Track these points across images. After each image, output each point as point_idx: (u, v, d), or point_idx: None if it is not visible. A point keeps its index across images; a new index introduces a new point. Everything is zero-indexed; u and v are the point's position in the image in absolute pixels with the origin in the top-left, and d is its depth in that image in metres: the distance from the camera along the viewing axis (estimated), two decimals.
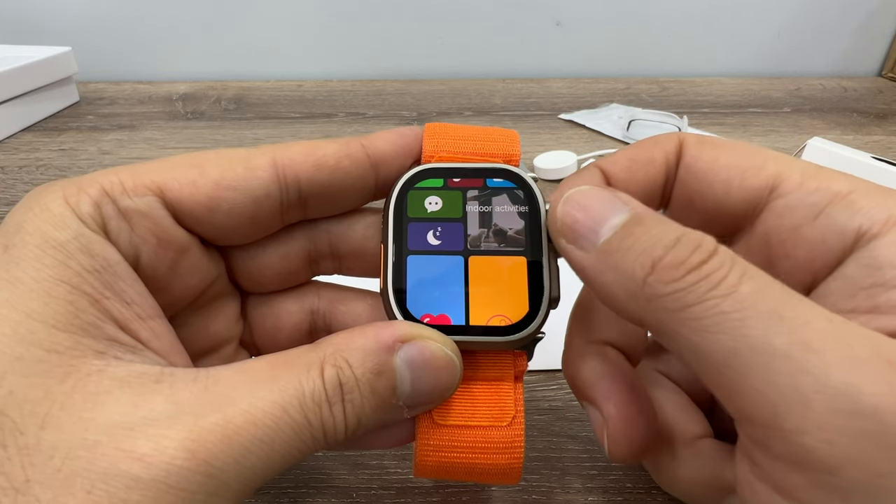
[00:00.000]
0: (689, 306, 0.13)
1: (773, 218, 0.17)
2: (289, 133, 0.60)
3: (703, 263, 0.13)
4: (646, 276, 0.14)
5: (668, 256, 0.14)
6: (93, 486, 0.12)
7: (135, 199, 0.16)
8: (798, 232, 0.16)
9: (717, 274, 0.13)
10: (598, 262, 0.15)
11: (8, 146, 0.56)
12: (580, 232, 0.15)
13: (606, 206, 0.15)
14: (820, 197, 0.16)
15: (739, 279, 0.13)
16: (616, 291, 0.15)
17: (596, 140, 0.57)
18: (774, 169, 0.17)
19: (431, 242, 0.18)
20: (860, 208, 0.15)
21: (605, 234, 0.15)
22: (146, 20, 0.76)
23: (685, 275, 0.13)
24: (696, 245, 0.14)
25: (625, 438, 0.17)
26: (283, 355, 0.15)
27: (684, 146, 0.18)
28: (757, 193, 0.17)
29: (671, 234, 0.14)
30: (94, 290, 0.14)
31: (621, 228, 0.15)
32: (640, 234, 0.14)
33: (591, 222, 0.15)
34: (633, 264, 0.14)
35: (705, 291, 0.13)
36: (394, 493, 0.22)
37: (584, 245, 0.15)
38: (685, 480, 0.18)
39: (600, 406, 0.18)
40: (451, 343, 0.16)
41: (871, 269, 0.15)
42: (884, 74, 0.79)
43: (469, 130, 0.19)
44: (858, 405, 0.11)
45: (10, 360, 0.13)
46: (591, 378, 0.18)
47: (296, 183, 0.18)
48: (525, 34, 0.78)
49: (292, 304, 0.21)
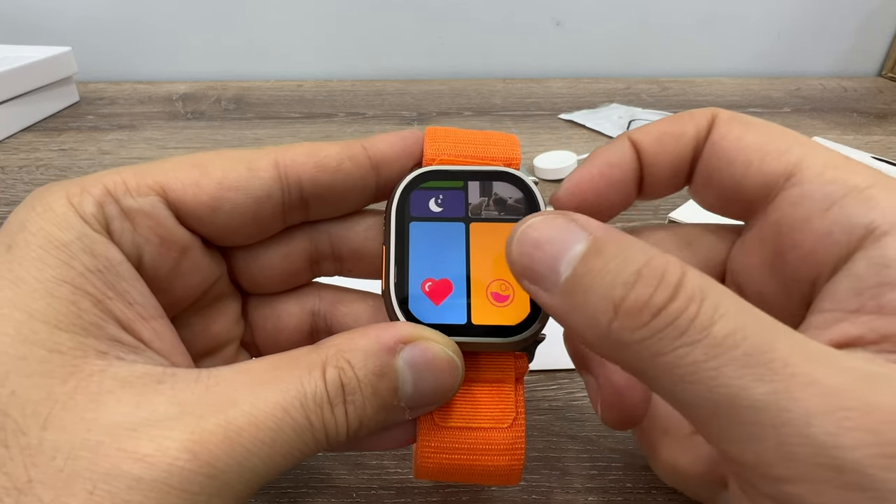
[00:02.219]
0: (661, 355, 0.12)
1: (786, 206, 0.16)
2: (289, 133, 0.60)
3: (669, 302, 0.12)
4: (610, 321, 0.13)
5: (629, 297, 0.12)
6: (95, 486, 0.12)
7: (138, 199, 0.16)
8: (808, 222, 0.16)
9: (686, 315, 0.12)
10: (562, 304, 0.14)
11: (8, 146, 0.56)
12: (539, 272, 0.14)
13: (563, 235, 0.14)
14: (836, 188, 0.15)
15: (711, 318, 0.12)
16: (586, 335, 0.14)
17: (596, 140, 0.57)
18: (798, 155, 0.16)
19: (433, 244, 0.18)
20: (876, 204, 0.15)
21: (565, 272, 0.14)
22: (146, 20, 0.76)
23: (650, 320, 0.12)
24: (659, 279, 0.12)
25: (616, 405, 0.17)
26: (284, 356, 0.15)
27: (716, 121, 0.18)
28: (773, 178, 0.16)
29: (632, 265, 0.13)
30: (96, 290, 0.14)
31: (579, 263, 0.13)
32: (599, 268, 0.13)
33: (549, 259, 0.14)
34: (595, 308, 0.13)
35: (675, 338, 0.12)
36: (394, 492, 0.22)
37: (547, 286, 0.14)
38: (681, 471, 0.18)
39: (595, 373, 0.18)
40: (453, 344, 0.16)
41: (878, 268, 0.14)
42: (884, 74, 0.79)
43: (470, 134, 0.20)
44: (841, 461, 0.11)
45: (13, 360, 0.13)
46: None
47: (297, 184, 0.18)
48: (525, 34, 0.78)
49: (293, 305, 0.21)
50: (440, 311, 0.17)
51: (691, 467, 0.18)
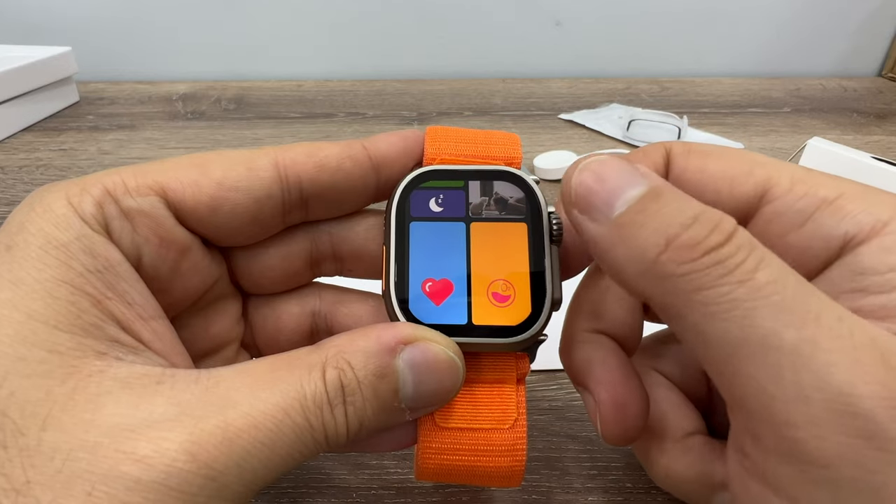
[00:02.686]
0: (702, 290, 0.13)
1: (762, 224, 0.17)
2: (289, 133, 0.59)
3: (720, 246, 0.13)
4: (659, 253, 0.13)
5: (683, 235, 0.13)
6: (93, 487, 0.12)
7: (137, 199, 0.16)
8: (785, 239, 0.16)
9: (734, 259, 0.13)
10: (610, 236, 0.14)
11: (8, 146, 0.56)
12: (594, 203, 0.15)
13: (624, 177, 0.15)
14: (807, 203, 0.16)
15: (756, 266, 0.13)
16: (627, 267, 0.14)
17: (596, 140, 0.57)
18: (763, 174, 0.17)
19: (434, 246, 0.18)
20: (847, 214, 0.15)
21: (620, 208, 0.14)
22: (146, 20, 0.76)
23: (700, 256, 0.13)
24: (715, 225, 0.13)
25: (616, 422, 0.17)
26: (284, 357, 0.15)
27: (671, 156, 0.18)
28: (746, 201, 0.17)
29: (689, 211, 0.14)
30: (96, 290, 0.14)
31: (637, 202, 0.14)
32: (655, 210, 0.14)
33: (605, 194, 0.15)
34: (646, 241, 0.14)
35: (720, 276, 0.13)
36: (394, 493, 0.22)
37: (597, 217, 0.15)
38: (676, 476, 0.18)
39: (593, 390, 0.18)
40: (454, 345, 0.16)
41: (854, 275, 0.15)
42: (884, 74, 0.79)
43: (471, 133, 0.19)
44: (856, 407, 0.12)
45: (12, 360, 0.13)
46: (584, 363, 0.18)
47: (297, 184, 0.18)
48: (525, 34, 0.78)
49: (294, 305, 0.21)
50: (441, 311, 0.17)
51: (685, 472, 0.18)
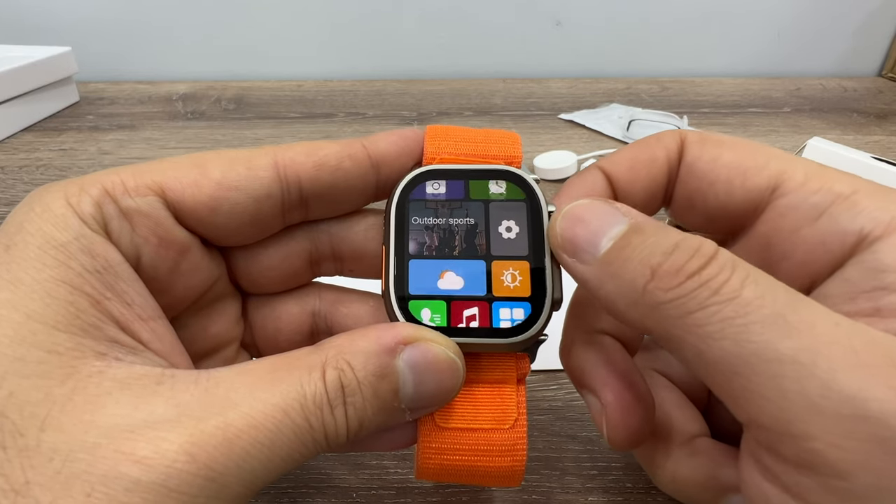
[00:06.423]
0: (691, 313, 0.13)
1: (775, 218, 0.17)
2: (289, 133, 0.59)
3: (702, 269, 0.13)
4: (646, 283, 0.14)
5: (666, 263, 0.14)
6: (92, 488, 0.12)
7: (136, 199, 0.16)
8: (798, 233, 0.16)
9: (718, 279, 0.13)
10: (599, 274, 0.15)
11: (8, 146, 0.56)
12: (580, 245, 0.16)
13: (605, 217, 0.15)
14: (822, 198, 0.16)
15: (741, 283, 0.13)
16: (619, 301, 0.15)
17: (596, 140, 0.57)
18: (777, 168, 0.17)
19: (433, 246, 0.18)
20: (862, 210, 0.15)
21: (605, 246, 0.15)
22: (146, 20, 0.76)
23: (684, 280, 0.13)
24: (695, 250, 0.14)
25: (622, 425, 0.17)
26: (284, 357, 0.15)
27: (686, 144, 0.18)
28: (759, 194, 0.17)
29: (669, 240, 0.14)
30: (94, 290, 0.14)
31: (620, 238, 0.15)
32: (638, 243, 0.14)
33: (590, 235, 0.15)
34: (633, 272, 0.14)
35: (706, 297, 0.13)
36: (394, 493, 0.22)
37: (585, 258, 0.15)
38: (681, 480, 0.18)
39: (598, 393, 0.18)
40: (454, 345, 0.16)
41: (873, 272, 0.15)
42: (884, 74, 0.79)
43: (471, 132, 0.19)
44: (865, 410, 0.11)
45: (11, 361, 0.13)
46: (588, 366, 0.18)
47: (297, 183, 0.18)
48: (525, 34, 0.78)
49: (293, 305, 0.20)
50: None
51: (693, 475, 0.18)
